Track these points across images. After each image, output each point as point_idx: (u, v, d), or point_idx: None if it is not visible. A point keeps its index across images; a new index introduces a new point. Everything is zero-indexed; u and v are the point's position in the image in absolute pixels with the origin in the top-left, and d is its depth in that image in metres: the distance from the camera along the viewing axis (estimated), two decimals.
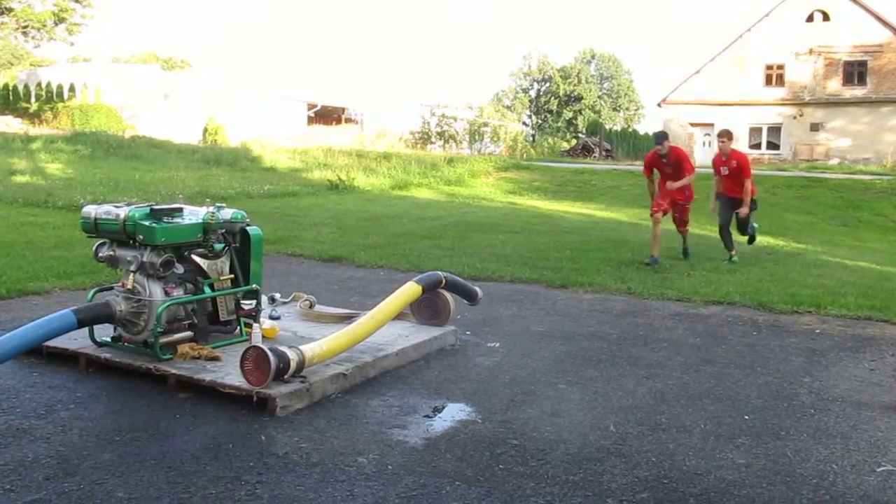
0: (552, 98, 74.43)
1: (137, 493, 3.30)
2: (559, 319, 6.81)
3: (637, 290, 8.12)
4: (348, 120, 47.18)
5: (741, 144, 40.76)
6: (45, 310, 5.31)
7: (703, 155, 41.41)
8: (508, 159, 31.46)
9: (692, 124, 41.88)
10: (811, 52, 39.99)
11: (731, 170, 10.21)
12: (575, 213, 16.59)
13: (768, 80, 40.95)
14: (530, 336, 6.22)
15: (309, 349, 4.62)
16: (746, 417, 4.50)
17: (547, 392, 4.85)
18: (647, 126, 66.10)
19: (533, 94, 77.31)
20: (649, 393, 4.90)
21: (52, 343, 4.85)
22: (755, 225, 10.93)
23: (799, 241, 13.27)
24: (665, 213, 9.96)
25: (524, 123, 70.16)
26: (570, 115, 72.06)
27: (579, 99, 72.81)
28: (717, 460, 3.86)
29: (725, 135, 10.47)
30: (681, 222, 10.43)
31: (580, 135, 59.34)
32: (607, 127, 58.22)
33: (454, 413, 4.47)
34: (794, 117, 40.59)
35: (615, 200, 19.70)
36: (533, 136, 61.11)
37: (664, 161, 9.94)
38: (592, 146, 42.84)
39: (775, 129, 41.13)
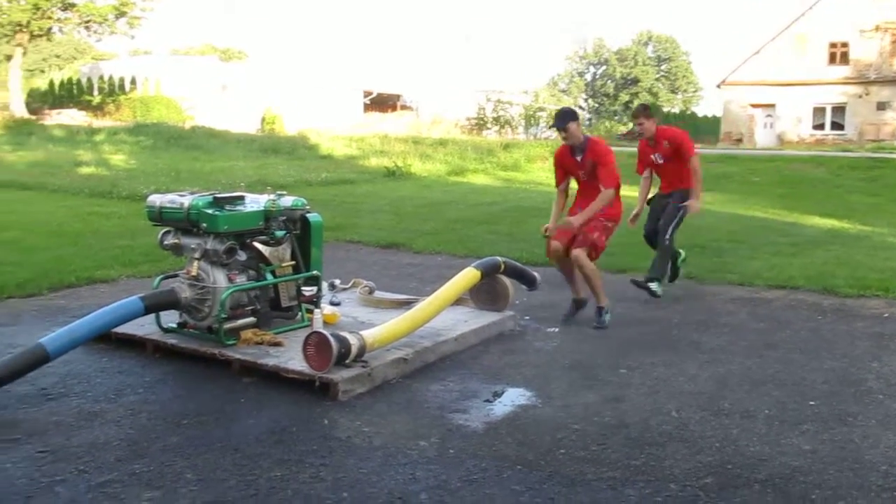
0: (608, 81, 73.63)
1: (205, 475, 3.38)
2: (618, 304, 6.74)
3: (697, 274, 8.01)
4: (404, 107, 47.28)
5: (804, 125, 39.86)
6: (113, 297, 5.45)
7: (763, 136, 40.61)
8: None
9: (753, 105, 41.06)
10: (877, 28, 38.82)
11: (666, 153, 7.05)
12: (632, 197, 16.37)
13: (832, 59, 39.89)
14: (589, 321, 6.18)
15: (369, 334, 4.66)
16: (812, 403, 4.42)
17: (607, 377, 4.83)
18: (705, 108, 64.79)
19: (589, 77, 76.55)
20: (711, 378, 4.84)
21: (120, 329, 4.97)
22: (680, 252, 7.48)
23: (865, 223, 12.91)
24: (564, 245, 6.05)
25: (580, 107, 69.44)
26: (627, 98, 71.16)
27: (636, 82, 71.88)
28: (781, 446, 3.81)
29: (641, 113, 7.12)
30: (582, 242, 6.00)
31: None
32: (665, 110, 57.37)
33: (514, 398, 4.48)
34: (860, 96, 39.48)
35: None
36: (589, 119, 60.48)
37: (577, 160, 6.24)
38: None
39: (840, 109, 40.08)
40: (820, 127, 40.27)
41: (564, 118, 6.20)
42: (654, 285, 6.85)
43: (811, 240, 10.58)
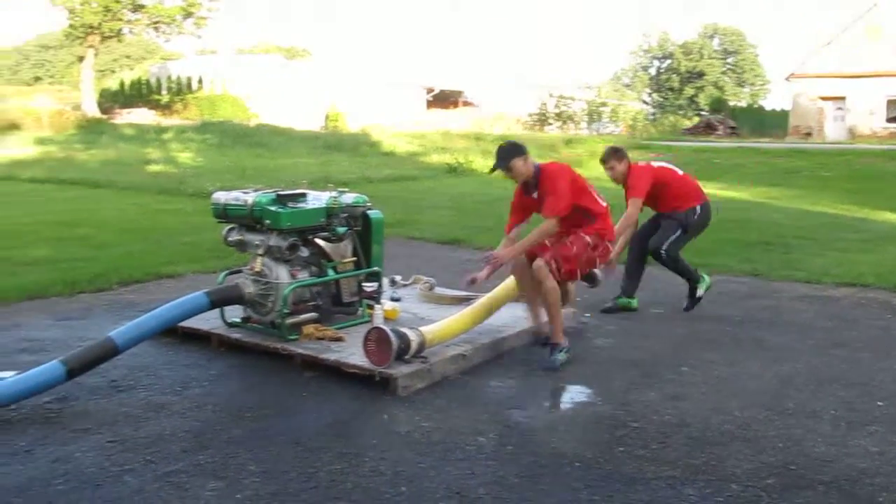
0: (673, 75, 72.56)
1: (267, 467, 3.44)
2: (680, 301, 6.66)
3: (763, 271, 7.87)
4: (466, 103, 47.26)
5: (877, 118, 38.72)
6: (179, 292, 5.57)
7: (834, 130, 39.59)
8: (628, 139, 30.92)
9: (822, 98, 40.05)
10: None
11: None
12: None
13: None
14: (650, 318, 6.13)
15: (428, 330, 4.70)
16: (880, 403, 4.31)
17: (668, 375, 4.78)
18: (773, 102, 63.53)
19: (653, 71, 75.56)
20: (775, 377, 4.76)
21: (186, 324, 5.08)
22: (703, 277, 6.44)
23: None
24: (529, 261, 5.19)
25: (644, 102, 68.65)
26: (692, 92, 70.07)
27: (701, 75, 70.71)
28: (848, 447, 3.72)
29: (612, 156, 6.34)
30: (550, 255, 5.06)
31: (702, 112, 57.67)
32: (732, 104, 56.35)
33: (573, 395, 4.47)
34: None
35: (739, 179, 19.04)
36: (654, 114, 59.73)
37: (533, 198, 5.27)
38: (716, 123, 41.55)
39: None
40: (894, 120, 39.08)
41: (506, 156, 5.16)
42: (700, 290, 6.33)
43: (883, 236, 10.30)
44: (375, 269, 5.48)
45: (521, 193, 5.37)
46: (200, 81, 38.20)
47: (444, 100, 45.66)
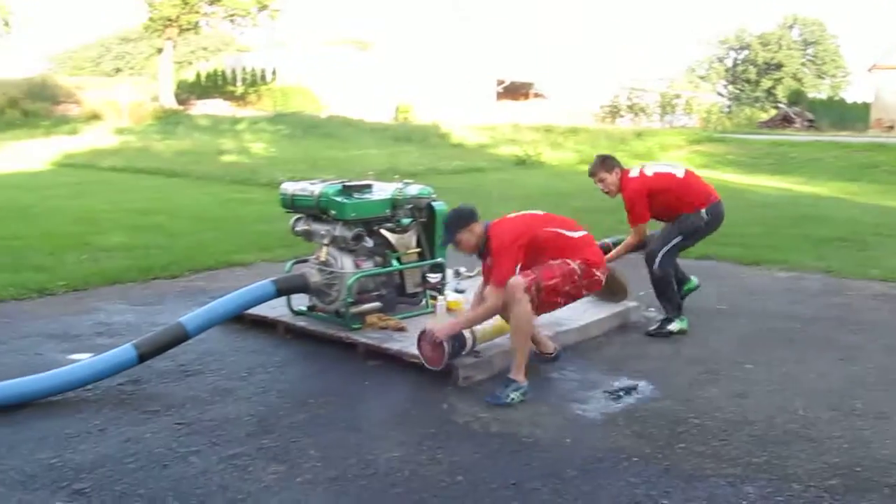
0: (750, 66, 70.90)
1: (328, 453, 3.52)
2: (749, 298, 6.56)
3: (836, 268, 7.66)
4: (536, 95, 47.01)
5: None
6: (248, 280, 5.70)
7: None
8: (701, 132, 30.32)
9: None
10: None
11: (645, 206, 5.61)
12: (771, 188, 15.81)
13: None
14: (717, 314, 6.05)
15: (480, 327, 4.69)
16: None
17: (732, 372, 4.72)
18: (855, 94, 61.43)
19: (729, 62, 73.94)
20: (844, 377, 4.65)
21: (253, 311, 5.21)
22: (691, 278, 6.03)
23: None
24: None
25: (719, 94, 67.24)
26: (770, 83, 68.37)
27: (779, 67, 68.94)
28: None
29: (599, 167, 5.63)
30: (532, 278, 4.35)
31: (780, 105, 56.30)
32: (810, 95, 54.84)
33: (634, 390, 4.43)
34: None
35: (816, 173, 18.53)
36: (729, 106, 58.49)
37: (487, 264, 4.62)
38: (793, 116, 40.47)
39: None
40: None
41: (451, 230, 4.55)
42: (673, 326, 5.53)
43: None
44: (439, 260, 5.53)
45: (483, 262, 4.71)
46: (274, 73, 38.79)
47: (514, 91, 45.47)
